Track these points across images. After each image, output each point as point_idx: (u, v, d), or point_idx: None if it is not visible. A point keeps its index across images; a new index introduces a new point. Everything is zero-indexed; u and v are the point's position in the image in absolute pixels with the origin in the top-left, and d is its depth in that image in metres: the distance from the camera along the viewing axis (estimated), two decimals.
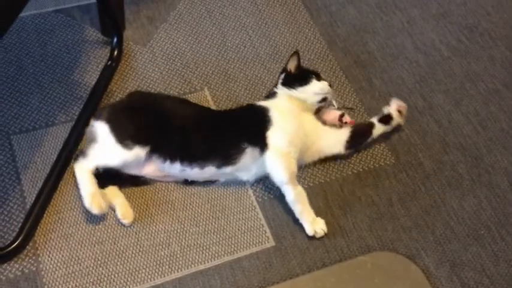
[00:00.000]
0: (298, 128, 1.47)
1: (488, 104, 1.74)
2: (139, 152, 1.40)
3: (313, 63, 1.78)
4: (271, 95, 1.57)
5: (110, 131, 1.40)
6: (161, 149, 1.42)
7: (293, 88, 1.53)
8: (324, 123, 1.56)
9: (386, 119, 1.58)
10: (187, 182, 1.49)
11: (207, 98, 1.67)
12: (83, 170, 1.39)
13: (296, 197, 1.42)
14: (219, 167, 1.44)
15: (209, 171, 1.44)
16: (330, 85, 1.57)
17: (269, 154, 1.42)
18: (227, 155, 1.43)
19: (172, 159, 1.42)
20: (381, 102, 1.71)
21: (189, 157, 1.43)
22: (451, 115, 1.71)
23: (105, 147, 1.40)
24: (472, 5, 1.97)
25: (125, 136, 1.40)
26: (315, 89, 1.53)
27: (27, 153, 1.50)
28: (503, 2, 1.98)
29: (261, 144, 1.43)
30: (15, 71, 1.64)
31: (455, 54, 1.84)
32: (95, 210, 1.36)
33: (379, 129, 1.57)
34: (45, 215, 1.41)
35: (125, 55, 1.72)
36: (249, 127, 1.47)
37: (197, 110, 1.55)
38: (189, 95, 1.67)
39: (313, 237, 1.44)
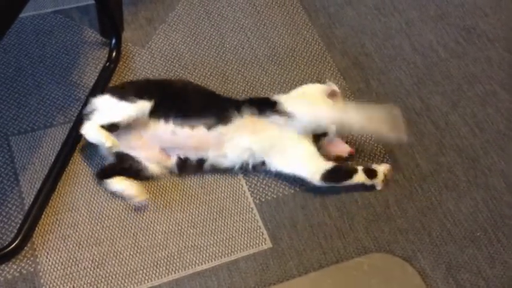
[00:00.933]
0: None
1: (485, 105, 1.75)
2: (144, 104, 1.43)
3: (311, 64, 1.78)
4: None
5: (111, 96, 1.45)
6: (158, 107, 1.45)
7: None
8: (327, 153, 1.52)
9: (370, 173, 1.50)
10: (181, 171, 1.49)
11: None
12: (92, 128, 1.40)
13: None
14: (210, 127, 1.45)
15: (198, 133, 1.44)
16: None
17: (289, 102, 1.49)
18: (221, 113, 1.46)
19: (166, 117, 1.44)
20: (377, 103, 1.71)
21: (183, 113, 1.45)
22: (448, 117, 1.71)
23: (108, 108, 1.43)
24: (470, 7, 1.97)
25: (127, 94, 1.44)
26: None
27: (26, 155, 1.51)
28: (501, 4, 1.99)
29: (269, 107, 1.47)
30: (14, 72, 1.65)
31: (452, 55, 1.85)
32: (111, 143, 1.39)
33: (359, 177, 1.49)
34: (43, 216, 1.42)
35: (123, 56, 1.73)
36: (254, 101, 1.51)
37: (204, 88, 1.62)
38: None
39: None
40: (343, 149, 1.55)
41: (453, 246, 1.48)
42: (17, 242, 1.35)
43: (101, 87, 1.64)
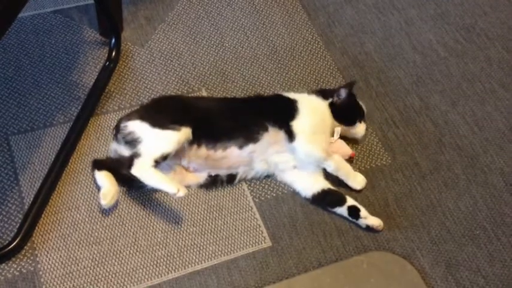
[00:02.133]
0: (323, 123, 1.51)
1: (484, 104, 1.75)
2: (186, 131, 1.42)
3: (311, 63, 1.78)
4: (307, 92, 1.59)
5: (151, 125, 1.42)
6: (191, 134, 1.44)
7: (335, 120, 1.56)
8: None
9: (355, 212, 1.47)
10: (210, 187, 1.50)
11: None
12: (145, 169, 1.37)
13: (337, 165, 1.48)
14: (241, 146, 1.46)
15: (231, 154, 1.46)
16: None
17: (298, 142, 1.46)
18: (250, 132, 1.46)
19: (198, 142, 1.44)
20: (377, 103, 1.72)
21: (214, 137, 1.45)
22: (448, 115, 1.71)
23: (154, 139, 1.41)
24: (469, 5, 1.97)
25: (168, 122, 1.41)
26: (359, 131, 1.59)
27: (26, 154, 1.51)
28: (500, 2, 1.99)
29: (285, 130, 1.47)
30: (14, 71, 1.65)
31: (452, 54, 1.85)
32: (182, 192, 1.35)
33: (343, 211, 1.47)
34: (43, 216, 1.42)
35: (123, 56, 1.73)
36: (275, 112, 1.50)
37: (221, 99, 1.63)
38: (187, 95, 1.68)
39: (359, 191, 1.53)
40: (345, 151, 1.55)
41: (452, 244, 1.48)
42: (17, 241, 1.36)
43: (100, 86, 1.64)
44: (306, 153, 1.46)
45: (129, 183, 1.46)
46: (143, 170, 1.37)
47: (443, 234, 1.49)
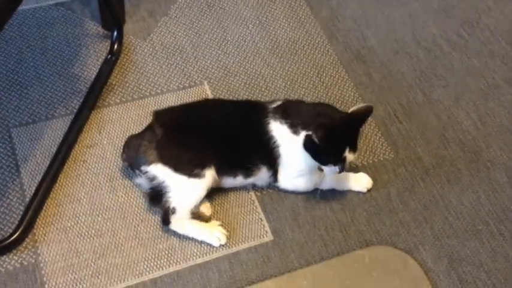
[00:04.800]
0: (308, 163, 1.41)
1: (488, 99, 1.74)
2: (211, 173, 1.38)
3: (313, 57, 1.78)
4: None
5: (174, 170, 1.36)
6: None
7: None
8: None
9: None
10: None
11: (206, 92, 1.67)
12: (184, 224, 1.39)
13: (331, 185, 1.49)
14: (245, 177, 1.45)
15: (240, 180, 1.45)
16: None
17: (282, 185, 1.47)
18: (248, 169, 1.44)
19: (220, 172, 1.42)
20: (380, 97, 1.71)
21: (236, 165, 1.43)
22: (451, 110, 1.71)
23: (183, 190, 1.37)
24: (473, 0, 1.96)
25: (191, 167, 1.36)
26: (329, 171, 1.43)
27: (27, 146, 1.51)
28: None
29: (273, 172, 1.45)
30: (15, 64, 1.65)
31: (455, 49, 1.84)
32: (223, 240, 1.40)
33: None
34: (44, 208, 1.42)
35: (124, 49, 1.72)
36: (263, 150, 1.43)
37: (221, 114, 1.48)
38: (189, 89, 1.67)
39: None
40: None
41: (455, 239, 1.47)
42: (18, 233, 1.35)
43: (102, 79, 1.64)
44: (292, 190, 1.48)
45: None
46: (182, 226, 1.39)
47: (446, 229, 1.49)
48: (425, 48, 1.83)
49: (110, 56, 1.68)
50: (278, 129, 1.41)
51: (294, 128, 1.39)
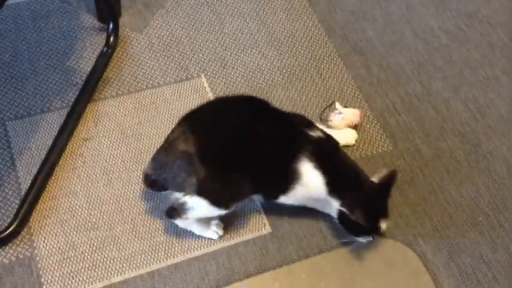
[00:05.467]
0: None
1: (487, 91, 1.73)
2: (236, 204, 1.35)
3: (311, 50, 1.76)
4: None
5: (210, 203, 1.28)
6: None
7: None
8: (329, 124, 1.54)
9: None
10: None
11: (203, 85, 1.66)
12: (188, 223, 1.36)
13: None
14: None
15: None
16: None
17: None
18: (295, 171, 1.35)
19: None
20: (378, 90, 1.70)
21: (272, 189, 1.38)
22: (450, 102, 1.70)
23: (205, 212, 1.32)
24: None
25: (225, 203, 1.31)
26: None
27: (23, 139, 1.49)
28: None
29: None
30: (11, 57, 1.63)
31: (454, 41, 1.83)
32: (220, 231, 1.39)
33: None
34: (40, 201, 1.40)
35: (121, 41, 1.71)
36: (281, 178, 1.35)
37: (259, 133, 1.31)
38: (186, 82, 1.66)
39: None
40: (355, 117, 1.56)
41: (454, 231, 1.46)
42: (13, 226, 1.34)
43: (98, 72, 1.62)
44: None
45: None
46: (184, 222, 1.36)
47: (445, 221, 1.48)
48: (424, 39, 1.82)
49: (105, 48, 1.67)
50: (309, 172, 1.31)
51: (328, 185, 1.32)
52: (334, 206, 1.35)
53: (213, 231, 1.39)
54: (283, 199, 1.37)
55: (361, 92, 1.69)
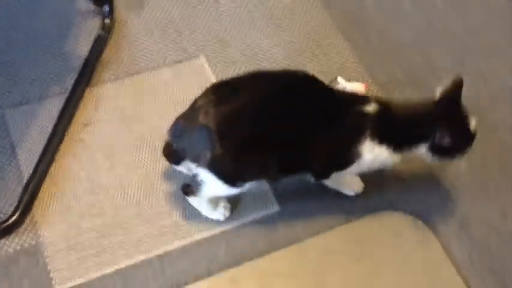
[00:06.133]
0: None
1: (489, 59, 1.70)
2: (250, 184, 1.29)
3: (310, 24, 1.73)
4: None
5: (225, 182, 1.25)
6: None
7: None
8: None
9: None
10: None
11: (203, 65, 1.63)
12: (200, 201, 1.35)
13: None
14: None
15: None
16: None
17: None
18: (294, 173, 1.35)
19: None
20: (380, 61, 1.67)
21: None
22: (452, 72, 1.66)
23: (217, 189, 1.28)
24: None
25: (238, 182, 1.27)
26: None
27: (22, 127, 1.47)
28: None
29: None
30: (5, 44, 1.61)
31: (452, 7, 1.80)
32: (227, 212, 1.37)
33: None
34: (43, 189, 1.38)
35: (117, 24, 1.68)
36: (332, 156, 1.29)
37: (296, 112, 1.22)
38: (185, 62, 1.63)
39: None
40: (361, 90, 1.53)
41: (464, 200, 1.44)
42: (16, 215, 1.32)
43: (95, 56, 1.60)
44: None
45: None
46: (198, 201, 1.35)
47: (454, 190, 1.46)
48: (422, 8, 1.79)
49: (102, 32, 1.64)
50: (371, 149, 1.25)
51: (398, 148, 1.28)
52: (418, 150, 1.29)
53: (220, 213, 1.37)
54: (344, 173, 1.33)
55: (363, 64, 1.66)
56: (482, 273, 1.34)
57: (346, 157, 1.27)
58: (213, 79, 1.60)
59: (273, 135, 1.20)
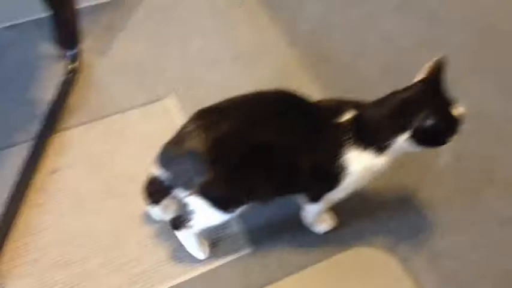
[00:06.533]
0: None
1: (455, 89, 1.72)
2: (242, 208, 1.29)
3: (278, 61, 1.75)
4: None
5: (212, 206, 1.23)
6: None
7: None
8: None
9: None
10: None
11: (173, 105, 1.63)
12: (189, 236, 1.33)
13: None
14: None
15: None
16: None
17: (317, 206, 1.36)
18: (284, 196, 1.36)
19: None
20: (348, 96, 1.68)
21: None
22: None
23: (209, 218, 1.27)
24: None
25: (230, 208, 1.25)
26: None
27: None
28: None
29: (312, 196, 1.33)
30: None
31: (418, 42, 1.83)
32: (207, 253, 1.37)
33: None
34: (8, 242, 1.34)
35: (83, 67, 1.67)
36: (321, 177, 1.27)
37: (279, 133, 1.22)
38: (155, 103, 1.63)
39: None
40: None
41: (433, 233, 1.44)
42: None
43: (61, 101, 1.58)
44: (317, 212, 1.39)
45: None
46: (187, 237, 1.34)
47: (423, 223, 1.46)
48: (388, 43, 1.82)
49: (67, 76, 1.63)
50: (356, 158, 1.23)
51: (379, 149, 1.24)
52: (401, 140, 1.23)
53: (203, 251, 1.36)
54: (335, 194, 1.30)
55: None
56: None
57: (333, 173, 1.25)
58: (183, 119, 1.58)
59: (262, 156, 1.19)
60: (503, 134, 1.64)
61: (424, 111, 1.21)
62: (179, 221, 1.31)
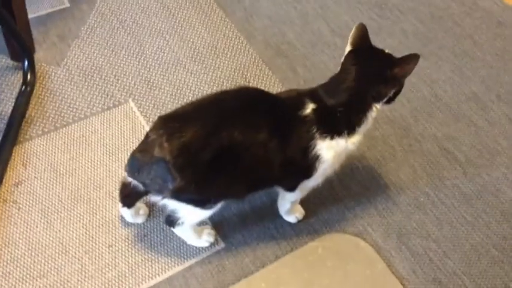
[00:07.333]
0: None
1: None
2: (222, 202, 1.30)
3: (235, 59, 1.77)
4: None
5: (194, 206, 1.26)
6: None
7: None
8: None
9: None
10: None
11: (132, 110, 1.62)
12: (187, 230, 1.36)
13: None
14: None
15: None
16: None
17: (294, 195, 1.39)
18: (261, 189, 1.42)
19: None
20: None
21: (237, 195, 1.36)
22: None
23: (193, 214, 1.29)
24: None
25: (207, 204, 1.27)
26: None
27: None
28: None
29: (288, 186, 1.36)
30: None
31: (370, 32, 1.88)
32: (211, 238, 1.40)
33: None
34: None
35: (39, 78, 1.64)
36: (294, 169, 1.30)
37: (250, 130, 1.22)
38: (114, 109, 1.62)
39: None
40: None
41: (400, 214, 1.50)
42: None
43: (20, 113, 1.55)
44: (295, 199, 1.43)
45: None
46: (182, 231, 1.36)
47: (389, 206, 1.52)
48: (341, 35, 1.87)
49: (24, 87, 1.60)
50: (327, 146, 1.26)
51: (348, 133, 1.28)
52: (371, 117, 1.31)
53: (204, 240, 1.39)
54: (310, 182, 1.33)
55: None
56: (427, 284, 1.39)
57: (307, 164, 1.27)
58: (143, 122, 1.59)
59: (231, 156, 1.20)
60: (460, 115, 1.72)
61: (379, 83, 1.29)
62: (170, 220, 1.33)
